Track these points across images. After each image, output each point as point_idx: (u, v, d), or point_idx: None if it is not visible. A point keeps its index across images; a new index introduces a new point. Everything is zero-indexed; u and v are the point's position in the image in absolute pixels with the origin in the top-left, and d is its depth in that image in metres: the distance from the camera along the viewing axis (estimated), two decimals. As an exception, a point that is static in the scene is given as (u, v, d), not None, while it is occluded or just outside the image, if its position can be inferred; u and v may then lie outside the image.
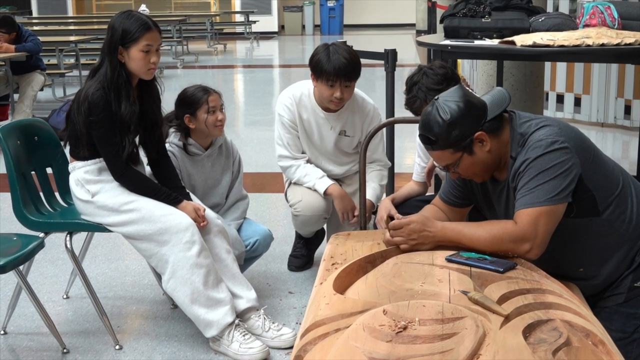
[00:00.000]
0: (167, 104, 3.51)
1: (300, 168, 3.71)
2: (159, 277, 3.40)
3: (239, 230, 3.60)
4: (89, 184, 3.17)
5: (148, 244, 3.12)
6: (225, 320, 3.09)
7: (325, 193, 3.66)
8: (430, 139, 2.33)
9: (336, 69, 3.43)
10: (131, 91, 3.13)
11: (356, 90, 3.67)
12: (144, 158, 3.35)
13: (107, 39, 3.12)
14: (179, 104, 3.53)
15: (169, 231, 3.08)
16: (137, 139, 3.25)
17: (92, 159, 3.18)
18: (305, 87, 3.71)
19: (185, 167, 3.52)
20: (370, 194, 3.62)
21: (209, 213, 3.26)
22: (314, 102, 3.67)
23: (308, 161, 3.74)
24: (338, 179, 3.81)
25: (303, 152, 3.75)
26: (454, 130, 2.28)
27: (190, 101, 3.48)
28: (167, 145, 3.47)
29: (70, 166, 3.25)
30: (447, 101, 2.31)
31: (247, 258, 3.58)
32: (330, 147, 3.73)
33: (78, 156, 3.21)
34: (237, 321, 3.14)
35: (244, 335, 3.11)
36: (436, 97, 2.35)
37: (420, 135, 2.38)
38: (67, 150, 3.32)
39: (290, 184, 3.84)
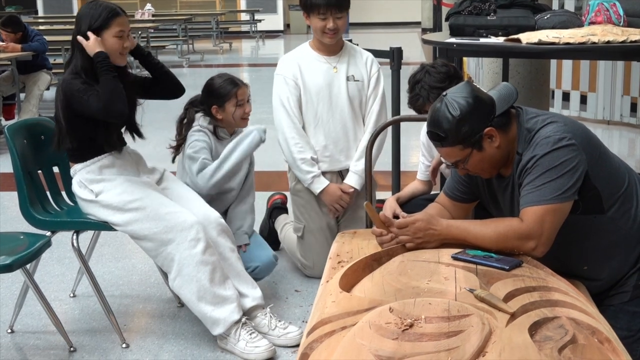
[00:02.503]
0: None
1: (304, 151, 3.72)
2: (165, 275, 3.41)
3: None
4: (92, 183, 3.18)
5: (153, 243, 3.12)
6: (231, 318, 3.10)
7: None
8: (439, 136, 2.32)
9: (325, 0, 3.57)
10: None
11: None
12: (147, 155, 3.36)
13: (76, 30, 3.14)
14: (207, 94, 3.60)
15: (173, 229, 3.08)
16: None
17: (91, 158, 3.20)
18: (302, 46, 3.85)
19: (215, 148, 3.58)
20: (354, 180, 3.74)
21: (213, 213, 3.26)
22: (314, 52, 3.78)
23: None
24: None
25: (304, 127, 3.76)
26: (463, 126, 2.28)
27: (218, 93, 3.56)
28: (198, 127, 3.56)
29: (72, 170, 3.26)
30: (456, 97, 2.30)
31: None
32: (344, 99, 3.73)
33: (77, 159, 3.23)
34: (244, 319, 3.14)
35: (250, 334, 3.11)
36: (444, 93, 2.34)
37: (428, 132, 2.37)
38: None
39: (301, 236, 3.87)
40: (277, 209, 4.29)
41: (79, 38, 3.10)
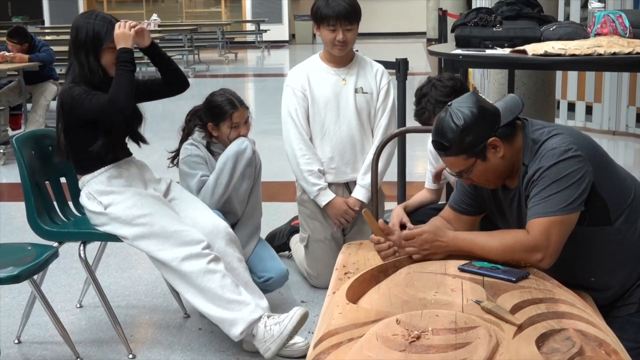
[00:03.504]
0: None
1: (311, 163, 3.72)
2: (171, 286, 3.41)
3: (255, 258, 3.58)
4: (102, 195, 3.19)
5: (160, 259, 3.11)
6: (251, 317, 3.04)
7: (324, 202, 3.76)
8: (443, 145, 2.33)
9: (336, 12, 3.57)
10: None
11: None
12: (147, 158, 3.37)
13: (77, 40, 3.15)
14: (206, 109, 3.63)
15: (181, 247, 3.08)
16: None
17: (97, 169, 3.22)
18: (312, 58, 3.87)
19: (210, 163, 3.60)
20: (361, 194, 3.74)
21: (221, 223, 3.27)
22: (323, 64, 3.79)
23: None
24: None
25: (311, 139, 3.77)
26: (467, 136, 2.29)
27: (215, 112, 3.58)
28: (190, 140, 3.59)
29: (80, 183, 3.27)
30: (461, 107, 2.31)
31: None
32: (352, 111, 3.73)
33: (83, 171, 3.24)
34: (265, 314, 3.09)
35: (278, 317, 3.08)
36: (449, 103, 2.35)
37: (433, 141, 2.38)
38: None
39: (306, 246, 3.89)
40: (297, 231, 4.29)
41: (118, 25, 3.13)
